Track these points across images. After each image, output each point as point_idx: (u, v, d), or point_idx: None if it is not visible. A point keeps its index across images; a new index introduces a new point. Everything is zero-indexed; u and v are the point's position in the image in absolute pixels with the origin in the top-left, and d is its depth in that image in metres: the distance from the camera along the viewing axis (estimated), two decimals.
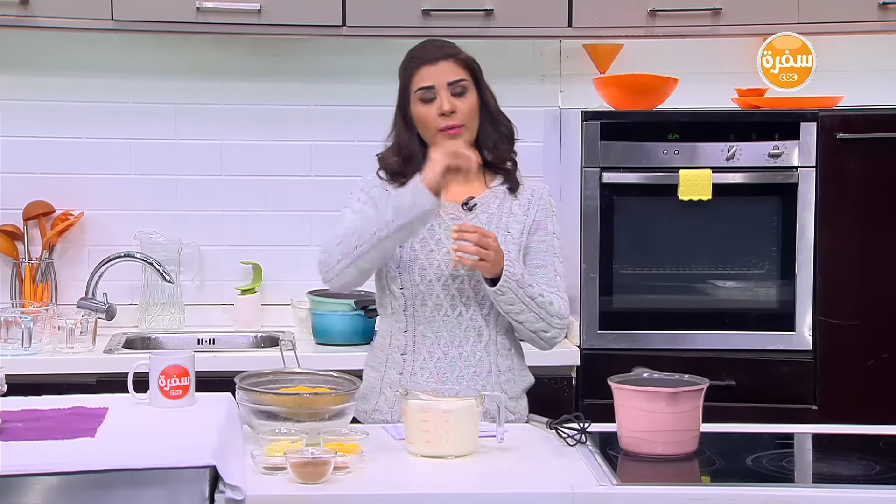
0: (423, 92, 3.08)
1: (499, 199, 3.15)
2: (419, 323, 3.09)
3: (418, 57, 3.12)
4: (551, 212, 3.17)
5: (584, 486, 2.49)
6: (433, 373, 3.08)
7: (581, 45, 4.39)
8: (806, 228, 4.00)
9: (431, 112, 3.08)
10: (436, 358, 3.08)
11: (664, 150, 3.99)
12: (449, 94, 3.08)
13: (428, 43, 3.18)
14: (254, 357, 3.99)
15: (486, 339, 3.10)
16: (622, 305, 4.04)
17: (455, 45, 3.16)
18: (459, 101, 3.08)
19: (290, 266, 4.40)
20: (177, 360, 2.81)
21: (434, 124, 3.08)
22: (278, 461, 2.51)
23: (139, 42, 4.30)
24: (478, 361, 3.09)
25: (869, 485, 2.54)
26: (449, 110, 3.06)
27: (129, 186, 4.38)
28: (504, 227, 3.11)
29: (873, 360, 3.99)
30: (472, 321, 3.09)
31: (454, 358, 3.08)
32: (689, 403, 2.69)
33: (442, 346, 3.08)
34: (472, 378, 3.06)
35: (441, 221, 3.10)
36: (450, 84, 3.08)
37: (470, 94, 3.10)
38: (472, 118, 3.11)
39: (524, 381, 3.18)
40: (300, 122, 4.41)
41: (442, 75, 3.08)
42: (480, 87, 3.13)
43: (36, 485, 2.31)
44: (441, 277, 3.06)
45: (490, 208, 3.13)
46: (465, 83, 3.09)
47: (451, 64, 3.10)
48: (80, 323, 3.97)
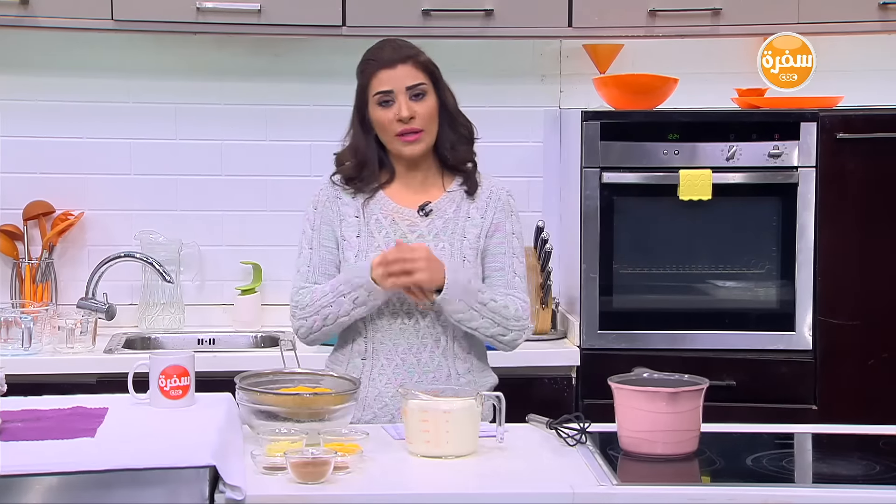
0: (381, 96, 3.06)
1: (456, 202, 3.13)
2: (377, 331, 3.09)
3: (375, 59, 3.09)
4: (510, 212, 3.15)
5: (584, 486, 2.49)
6: (391, 378, 3.08)
7: (581, 45, 4.39)
8: (806, 228, 4.00)
9: (389, 116, 3.05)
10: (394, 364, 3.08)
11: (664, 150, 3.99)
12: (407, 99, 3.05)
13: (385, 44, 3.14)
14: (254, 357, 4.00)
15: (443, 346, 3.09)
16: (622, 305, 4.04)
17: (413, 45, 3.13)
18: (418, 104, 3.05)
19: (290, 266, 4.33)
20: (177, 360, 2.81)
21: (392, 129, 3.06)
22: (278, 461, 2.51)
23: (139, 42, 4.30)
24: (436, 367, 3.08)
25: (869, 485, 2.54)
26: (407, 116, 3.04)
27: (129, 186, 4.38)
28: (461, 231, 3.10)
29: (873, 360, 3.99)
30: (429, 328, 3.08)
31: (412, 364, 3.08)
32: (689, 403, 2.69)
33: (400, 353, 3.08)
34: (431, 383, 3.04)
35: (397, 228, 3.09)
36: (408, 88, 3.05)
37: (429, 98, 3.07)
38: (431, 121, 3.08)
39: (486, 383, 3.15)
40: (300, 122, 4.41)
41: (400, 80, 3.05)
42: (439, 88, 3.10)
43: (36, 485, 2.31)
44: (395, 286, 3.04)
45: (446, 213, 3.12)
46: (424, 87, 3.07)
47: (409, 67, 3.07)
48: (80, 323, 3.97)
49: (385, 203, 3.12)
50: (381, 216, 3.11)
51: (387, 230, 3.09)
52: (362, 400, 3.05)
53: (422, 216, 3.11)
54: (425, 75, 3.08)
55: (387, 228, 3.09)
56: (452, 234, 3.09)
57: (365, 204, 3.12)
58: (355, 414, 3.04)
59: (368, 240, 3.08)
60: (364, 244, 3.08)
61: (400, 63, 3.06)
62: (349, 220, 3.11)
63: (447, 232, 3.10)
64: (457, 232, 3.10)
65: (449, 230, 3.10)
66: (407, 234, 3.08)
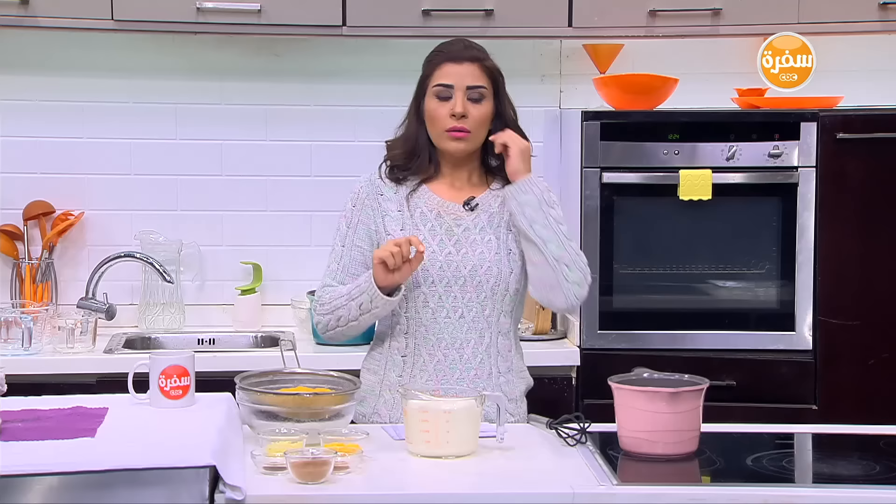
0: (441, 89, 3.07)
1: (500, 198, 3.14)
2: (420, 325, 3.08)
3: (444, 52, 3.10)
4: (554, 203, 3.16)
5: (584, 486, 2.49)
6: (433, 375, 3.07)
7: (581, 45, 4.39)
8: (806, 228, 4.00)
9: (443, 110, 3.06)
10: (436, 360, 3.08)
11: (664, 150, 3.99)
12: (465, 98, 3.05)
13: (457, 41, 3.15)
14: (254, 357, 4.00)
15: (486, 342, 3.09)
16: (622, 305, 4.04)
17: (484, 49, 3.13)
18: (474, 107, 3.06)
19: (290, 266, 4.40)
20: (177, 360, 2.81)
21: (442, 123, 3.06)
22: (278, 461, 2.51)
23: (139, 42, 4.30)
24: (478, 364, 3.08)
25: (869, 485, 2.54)
26: (460, 113, 3.04)
27: (129, 186, 4.38)
28: (506, 225, 3.11)
29: (873, 360, 3.99)
30: (474, 323, 3.08)
31: (454, 360, 3.07)
32: (690, 403, 2.69)
33: (442, 349, 3.08)
34: (473, 381, 3.06)
35: (443, 222, 3.10)
36: (468, 88, 3.06)
37: (485, 103, 3.08)
38: (481, 127, 3.08)
39: (523, 383, 3.18)
40: (300, 122, 4.41)
41: (463, 77, 3.06)
42: (499, 97, 3.11)
43: (36, 485, 2.31)
44: (443, 279, 3.06)
45: (492, 207, 3.13)
46: (483, 90, 3.07)
47: (474, 67, 3.07)
48: (80, 323, 3.97)
49: (429, 197, 3.12)
50: (427, 209, 3.10)
51: (432, 223, 3.09)
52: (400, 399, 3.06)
53: (467, 210, 3.12)
54: (488, 80, 3.08)
55: (432, 221, 3.09)
56: (498, 228, 3.10)
57: (409, 197, 3.11)
58: (389, 414, 3.05)
59: (413, 232, 3.07)
60: None
61: (467, 61, 3.07)
62: (392, 215, 3.11)
63: (493, 225, 3.10)
64: (502, 225, 3.11)
65: (494, 224, 3.11)
66: (453, 228, 3.08)
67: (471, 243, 3.08)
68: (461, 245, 3.07)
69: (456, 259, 3.06)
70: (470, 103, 3.05)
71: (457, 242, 3.08)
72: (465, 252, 3.07)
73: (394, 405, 3.07)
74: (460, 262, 3.06)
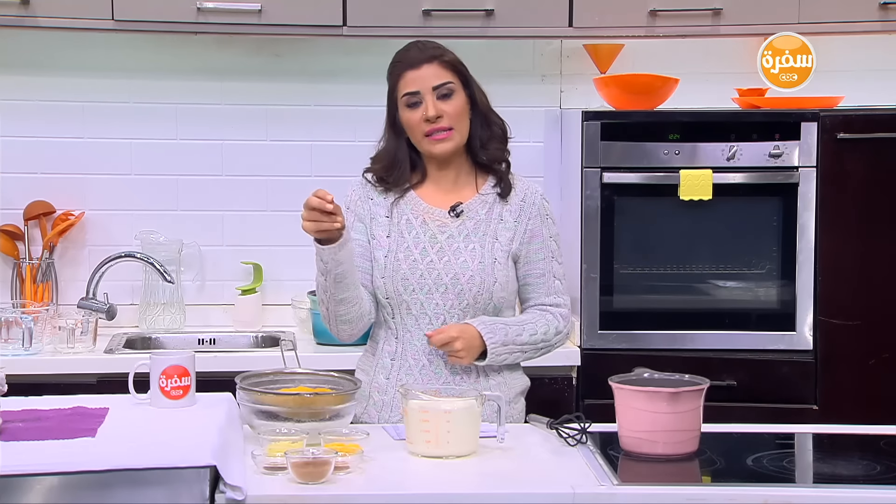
0: (409, 97, 3.06)
1: (488, 204, 3.13)
2: (406, 330, 3.09)
3: (402, 61, 3.09)
4: (545, 216, 3.15)
5: (584, 486, 2.50)
6: (418, 378, 3.07)
7: (581, 45, 4.39)
8: (806, 228, 4.00)
9: (417, 117, 3.05)
10: (420, 364, 3.08)
11: (665, 150, 3.99)
12: (434, 99, 3.04)
13: (412, 46, 3.14)
14: (254, 357, 4.00)
15: None
16: (622, 305, 4.04)
17: (440, 45, 3.13)
18: (446, 104, 3.05)
19: (290, 266, 4.39)
20: (177, 360, 2.82)
21: (420, 129, 3.06)
22: (279, 461, 2.51)
23: (139, 42, 4.30)
24: (464, 368, 3.08)
25: (869, 485, 2.54)
26: (434, 116, 3.04)
27: (130, 186, 4.38)
28: (492, 233, 3.10)
29: (873, 360, 3.99)
30: None
31: (439, 365, 3.07)
32: (690, 403, 2.69)
33: (427, 354, 3.08)
34: (459, 384, 3.05)
35: (427, 229, 3.09)
36: (435, 88, 3.05)
37: (457, 96, 3.07)
38: (461, 120, 3.08)
39: (517, 385, 3.17)
40: (300, 122, 4.41)
41: (426, 80, 3.05)
42: (468, 86, 3.10)
43: (36, 485, 2.31)
44: (423, 287, 3.05)
45: (478, 214, 3.12)
46: (451, 85, 3.06)
47: (435, 67, 3.06)
48: (80, 323, 3.97)
49: (416, 203, 3.12)
50: (412, 216, 3.10)
51: (417, 230, 3.09)
52: (389, 402, 3.06)
53: (452, 217, 3.11)
54: (452, 74, 3.08)
55: (417, 228, 3.09)
56: (484, 236, 3.09)
57: (395, 204, 3.12)
58: (378, 415, 3.05)
59: (398, 240, 3.08)
60: (394, 244, 3.08)
61: (425, 63, 3.06)
62: (380, 220, 3.11)
63: (478, 233, 3.10)
64: (488, 234, 3.10)
65: (480, 231, 3.10)
66: (437, 235, 3.08)
67: (454, 251, 3.07)
68: (444, 253, 3.07)
69: (438, 267, 3.05)
70: (441, 101, 3.05)
71: (440, 250, 3.07)
72: (448, 260, 3.06)
73: (383, 407, 3.08)
74: (442, 270, 3.05)
